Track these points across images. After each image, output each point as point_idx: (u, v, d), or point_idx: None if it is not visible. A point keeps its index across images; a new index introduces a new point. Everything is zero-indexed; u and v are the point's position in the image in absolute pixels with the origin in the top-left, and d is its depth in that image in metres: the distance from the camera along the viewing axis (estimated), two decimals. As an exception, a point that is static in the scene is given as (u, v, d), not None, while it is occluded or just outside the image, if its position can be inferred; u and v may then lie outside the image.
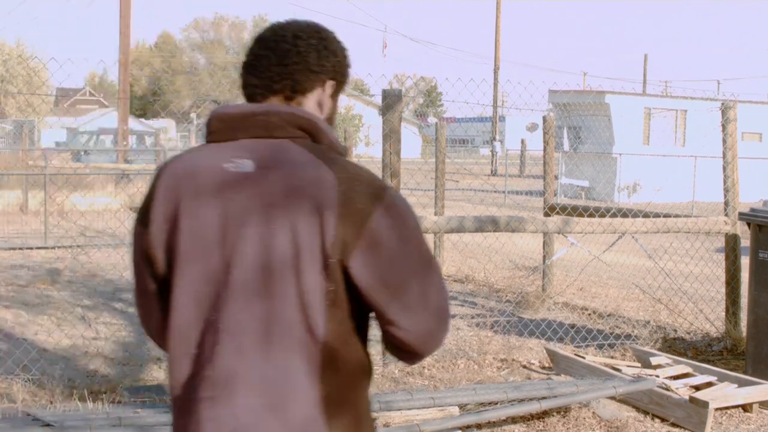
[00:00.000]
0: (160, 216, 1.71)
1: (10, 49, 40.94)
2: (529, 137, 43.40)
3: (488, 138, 47.70)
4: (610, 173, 23.81)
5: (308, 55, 1.78)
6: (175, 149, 24.25)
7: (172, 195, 1.71)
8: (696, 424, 5.02)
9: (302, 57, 1.77)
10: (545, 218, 7.02)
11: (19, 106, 40.80)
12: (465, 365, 6.22)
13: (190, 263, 1.68)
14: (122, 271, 9.49)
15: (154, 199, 1.73)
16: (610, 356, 6.55)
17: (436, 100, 78.85)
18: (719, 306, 7.63)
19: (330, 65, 1.81)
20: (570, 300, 8.91)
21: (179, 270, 1.68)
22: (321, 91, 1.81)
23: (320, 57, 1.79)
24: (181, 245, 1.68)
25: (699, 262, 8.57)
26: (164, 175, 1.75)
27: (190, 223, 1.68)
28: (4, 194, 16.33)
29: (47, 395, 5.12)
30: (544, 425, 5.06)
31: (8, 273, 9.76)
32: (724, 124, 7.21)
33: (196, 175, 1.71)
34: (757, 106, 26.75)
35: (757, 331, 6.06)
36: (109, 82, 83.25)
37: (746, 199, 9.05)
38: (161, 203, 1.71)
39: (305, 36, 1.79)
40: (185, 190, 1.70)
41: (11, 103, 41.04)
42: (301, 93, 1.79)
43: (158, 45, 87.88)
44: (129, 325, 7.26)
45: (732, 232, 7.02)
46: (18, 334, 6.72)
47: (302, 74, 1.77)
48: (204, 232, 1.67)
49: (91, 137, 27.64)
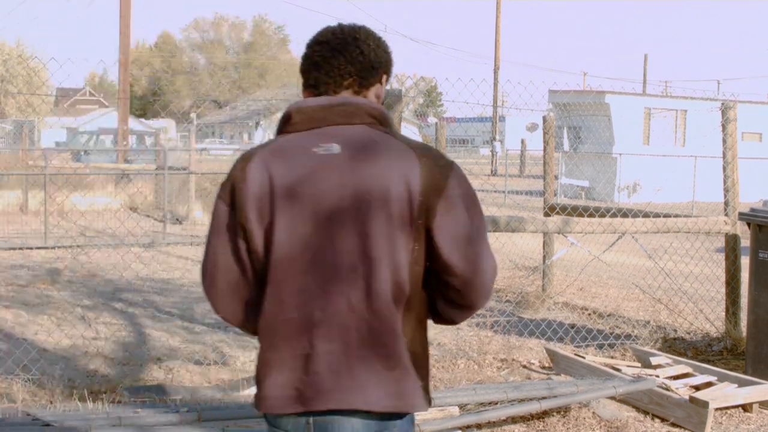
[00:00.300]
0: (253, 198, 2.00)
1: (10, 49, 40.94)
2: (529, 137, 43.39)
3: (488, 138, 47.70)
4: (610, 173, 23.81)
5: (370, 54, 2.12)
6: (175, 149, 24.26)
7: (265, 178, 2.00)
8: (696, 424, 5.02)
9: (366, 57, 2.11)
10: (545, 218, 7.02)
11: (19, 106, 40.79)
12: (465, 365, 6.22)
13: (289, 236, 1.98)
14: (122, 271, 9.50)
15: (246, 182, 2.01)
16: (610, 356, 6.55)
17: (436, 100, 78.84)
18: (719, 306, 7.63)
19: (384, 62, 2.17)
20: (570, 300, 8.91)
21: (278, 240, 1.99)
22: (379, 85, 2.18)
23: (377, 56, 2.14)
24: (279, 220, 1.98)
25: (699, 262, 8.57)
26: (254, 161, 2.03)
27: (286, 201, 1.98)
28: (4, 194, 16.32)
29: (47, 395, 5.12)
30: (544, 425, 5.06)
31: (8, 273, 9.77)
32: (724, 124, 7.21)
33: (288, 159, 2.00)
34: (757, 106, 26.75)
35: (757, 331, 6.06)
36: (109, 82, 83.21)
37: (746, 199, 9.05)
38: (254, 186, 2.00)
39: (363, 38, 2.13)
40: (278, 173, 1.99)
41: (11, 103, 41.03)
42: (366, 87, 2.13)
43: (158, 45, 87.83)
44: (129, 325, 7.26)
45: (732, 232, 7.02)
46: (18, 334, 6.72)
47: (367, 71, 2.12)
48: (302, 207, 1.98)
49: (91, 137, 27.64)
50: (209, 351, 6.40)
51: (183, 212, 16.04)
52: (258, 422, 4.32)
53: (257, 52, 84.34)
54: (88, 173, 17.35)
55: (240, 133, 68.97)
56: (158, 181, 16.11)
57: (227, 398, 5.06)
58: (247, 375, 5.76)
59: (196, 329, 7.23)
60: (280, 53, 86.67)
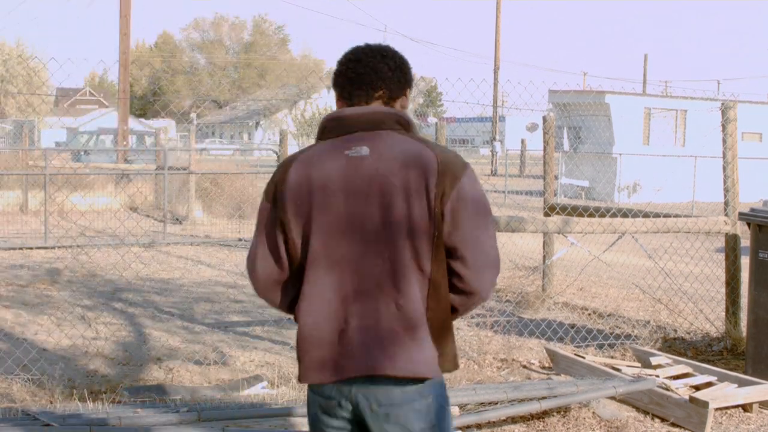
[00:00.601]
0: (292, 196, 2.36)
1: (10, 49, 40.95)
2: (529, 137, 43.38)
3: (488, 138, 47.69)
4: (610, 173, 23.81)
5: (396, 71, 2.47)
6: (175, 149, 24.25)
7: (303, 178, 2.36)
8: (696, 424, 5.02)
9: (394, 74, 2.46)
10: (545, 218, 7.02)
11: (19, 106, 40.81)
12: (465, 365, 6.22)
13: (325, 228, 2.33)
14: (122, 271, 9.50)
15: (286, 182, 2.37)
16: (610, 356, 6.55)
17: (436, 100, 78.81)
18: (719, 306, 7.63)
19: (408, 78, 2.51)
20: (570, 300, 8.91)
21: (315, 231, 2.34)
22: (404, 97, 2.51)
23: (403, 73, 2.48)
24: (316, 214, 2.33)
25: (699, 262, 8.57)
26: (294, 164, 2.39)
27: (322, 197, 2.33)
28: (4, 194, 16.32)
29: (47, 395, 5.12)
30: (544, 425, 5.06)
31: (8, 273, 9.77)
32: (724, 124, 7.21)
33: (323, 162, 2.36)
34: (757, 106, 26.74)
35: (757, 331, 6.06)
36: (109, 82, 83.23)
37: (746, 199, 9.05)
38: (293, 185, 2.36)
39: (389, 57, 2.47)
40: (314, 174, 2.35)
41: (11, 103, 41.04)
42: (394, 99, 2.47)
43: (158, 45, 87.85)
44: (129, 325, 7.26)
45: (732, 232, 7.02)
46: (18, 334, 6.72)
47: (396, 85, 2.46)
48: (336, 202, 2.33)
49: (91, 137, 27.61)
50: (209, 351, 6.40)
51: (183, 212, 16.04)
52: (258, 422, 4.32)
53: (257, 52, 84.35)
54: (88, 173, 17.32)
55: (240, 133, 68.99)
56: (158, 181, 16.10)
57: (227, 398, 5.06)
58: (247, 375, 5.76)
59: (196, 329, 7.23)
60: (280, 53, 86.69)
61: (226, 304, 8.33)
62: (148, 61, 77.95)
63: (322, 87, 39.51)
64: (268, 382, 5.54)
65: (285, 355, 6.35)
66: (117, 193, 16.82)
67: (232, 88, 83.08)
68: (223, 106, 79.62)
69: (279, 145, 14.38)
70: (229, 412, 4.34)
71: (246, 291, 8.86)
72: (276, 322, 7.36)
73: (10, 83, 40.94)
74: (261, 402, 4.74)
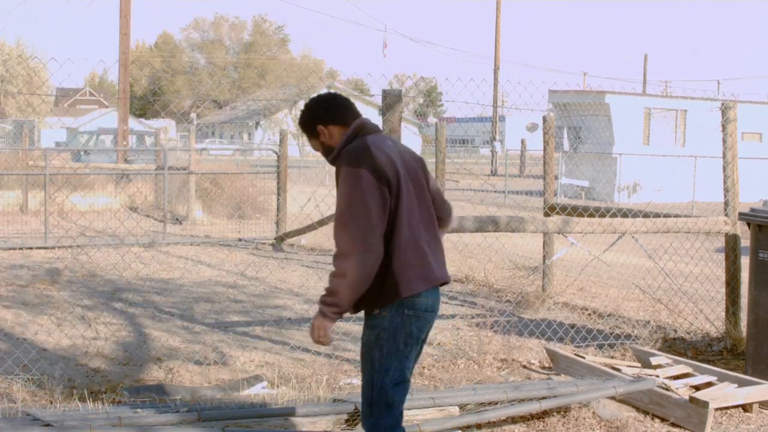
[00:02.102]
0: (387, 166, 3.36)
1: (10, 49, 40.96)
2: (529, 137, 43.40)
3: (488, 138, 47.70)
4: (610, 173, 23.81)
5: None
6: (175, 149, 24.25)
7: (383, 154, 3.38)
8: (696, 424, 5.03)
9: None
10: (545, 218, 7.02)
11: (19, 106, 40.81)
12: (465, 365, 6.22)
13: (407, 188, 3.43)
14: (122, 271, 9.50)
15: (376, 158, 3.35)
16: (610, 356, 6.55)
17: (436, 100, 78.83)
18: (719, 306, 7.63)
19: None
20: (570, 300, 8.91)
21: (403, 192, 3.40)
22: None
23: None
24: (402, 180, 3.41)
25: (699, 262, 8.57)
26: (370, 147, 3.39)
27: (401, 168, 3.43)
28: (4, 194, 16.31)
29: (47, 395, 5.12)
30: (544, 425, 5.06)
31: (8, 273, 9.76)
32: (724, 124, 7.21)
33: (387, 147, 3.46)
34: (757, 106, 26.75)
35: (757, 331, 6.07)
36: (109, 82, 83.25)
37: (746, 199, 9.05)
38: (386, 163, 3.36)
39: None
40: (387, 153, 3.41)
41: (11, 103, 41.05)
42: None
43: (158, 45, 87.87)
44: (129, 325, 7.26)
45: (732, 232, 7.02)
46: (18, 334, 6.72)
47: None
48: (406, 170, 3.48)
49: (91, 137, 27.59)
50: (209, 351, 6.40)
51: (183, 212, 16.04)
52: (258, 422, 4.32)
53: (257, 52, 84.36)
54: (88, 173, 17.31)
55: (240, 133, 68.96)
56: (158, 181, 16.09)
57: (227, 398, 5.06)
58: (247, 375, 5.76)
59: (196, 329, 7.23)
60: (280, 53, 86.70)
61: (226, 304, 8.33)
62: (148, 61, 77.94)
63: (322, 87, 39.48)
64: (268, 382, 5.54)
65: (285, 355, 6.35)
66: (117, 193, 16.82)
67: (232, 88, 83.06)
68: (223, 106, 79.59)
69: (279, 145, 14.40)
70: (229, 412, 4.34)
71: (246, 291, 8.86)
72: (276, 322, 7.36)
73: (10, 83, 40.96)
74: (261, 402, 4.74)
